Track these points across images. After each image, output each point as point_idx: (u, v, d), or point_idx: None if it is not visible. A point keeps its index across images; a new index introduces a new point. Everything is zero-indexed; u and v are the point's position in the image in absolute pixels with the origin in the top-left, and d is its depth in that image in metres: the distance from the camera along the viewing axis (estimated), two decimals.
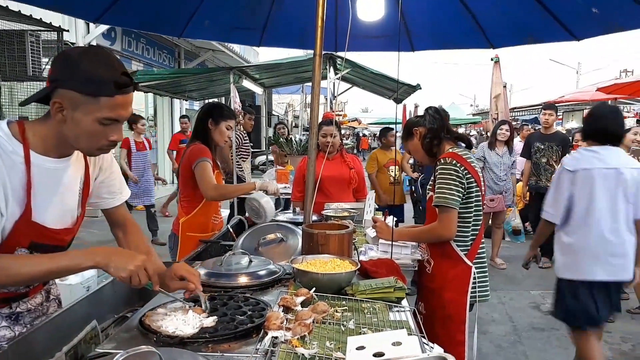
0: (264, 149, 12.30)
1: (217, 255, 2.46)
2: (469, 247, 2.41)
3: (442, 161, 2.37)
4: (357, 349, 1.22)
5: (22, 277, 1.37)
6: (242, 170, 6.59)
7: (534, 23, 3.27)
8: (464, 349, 2.37)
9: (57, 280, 1.83)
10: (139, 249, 1.77)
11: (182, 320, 1.52)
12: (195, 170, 2.93)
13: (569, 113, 17.68)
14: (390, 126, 6.60)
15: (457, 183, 2.32)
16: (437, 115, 2.53)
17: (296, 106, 31.29)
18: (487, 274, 2.53)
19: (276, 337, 1.37)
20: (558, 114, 17.23)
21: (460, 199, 2.34)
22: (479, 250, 2.45)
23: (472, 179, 2.37)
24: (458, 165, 2.34)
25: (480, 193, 2.42)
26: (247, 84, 6.50)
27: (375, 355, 1.18)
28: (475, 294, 2.39)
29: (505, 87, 9.42)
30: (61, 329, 1.59)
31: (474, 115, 29.60)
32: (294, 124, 27.34)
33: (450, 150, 2.44)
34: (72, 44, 8.65)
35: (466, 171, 2.35)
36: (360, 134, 36.89)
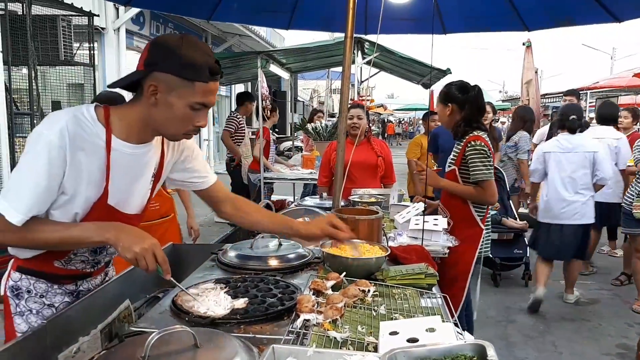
0: (290, 135, 12.30)
1: (245, 238, 2.47)
2: (484, 214, 2.95)
3: (473, 143, 2.81)
4: (390, 334, 1.21)
5: (38, 241, 1.40)
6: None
7: (571, 3, 3.16)
8: (463, 293, 2.95)
9: None
10: (272, 216, 1.91)
11: (213, 302, 1.53)
12: None
13: (603, 100, 17.11)
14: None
15: (489, 159, 2.81)
16: (479, 109, 2.95)
17: (321, 92, 31.14)
18: (490, 234, 3.15)
19: (308, 320, 1.36)
20: (590, 100, 16.67)
21: (492, 172, 2.82)
22: (488, 216, 3.01)
23: (491, 157, 2.85)
24: (484, 146, 2.81)
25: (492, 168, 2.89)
26: (274, 68, 6.46)
27: (408, 340, 1.16)
28: (481, 250, 2.97)
29: (536, 72, 9.19)
30: (96, 308, 1.62)
31: (503, 101, 29.01)
32: (319, 110, 27.24)
33: (475, 133, 2.86)
34: (102, 28, 8.77)
35: (489, 151, 2.82)
36: (386, 120, 36.56)
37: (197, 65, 1.36)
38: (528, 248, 5.17)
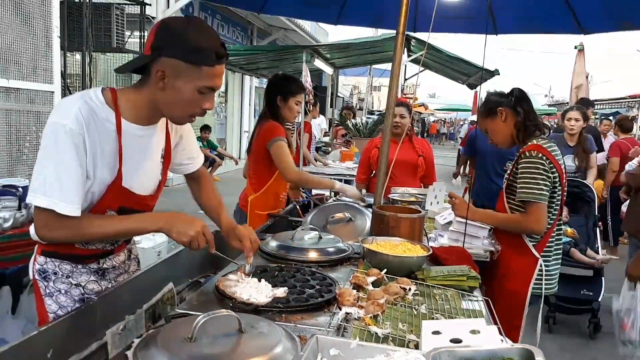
0: (328, 130, 12.32)
1: (284, 230, 2.50)
2: (538, 239, 2.40)
3: (528, 154, 2.30)
4: (432, 333, 1.20)
5: (95, 235, 1.48)
6: None
7: (633, 6, 3.03)
8: (519, 333, 2.40)
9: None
10: (211, 201, 1.88)
11: (255, 289, 1.56)
12: (271, 150, 2.86)
13: None
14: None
15: (545, 177, 2.27)
16: (527, 99, 2.47)
17: (362, 88, 30.96)
18: (558, 266, 2.50)
19: (349, 313, 1.37)
20: None
21: (548, 193, 2.29)
22: (548, 243, 2.42)
23: (557, 173, 2.31)
24: (544, 158, 2.28)
25: (561, 187, 2.37)
26: (318, 63, 6.49)
27: (452, 341, 1.15)
28: (540, 286, 2.39)
29: (587, 77, 8.88)
30: (141, 288, 1.66)
31: (549, 106, 28.21)
32: (358, 107, 27.18)
33: (534, 141, 2.36)
34: (153, 17, 8.98)
35: (552, 165, 2.29)
36: (427, 120, 36.18)
37: (203, 49, 1.36)
38: (603, 291, 4.15)
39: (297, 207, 3.38)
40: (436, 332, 1.21)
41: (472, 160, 4.95)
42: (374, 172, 4.07)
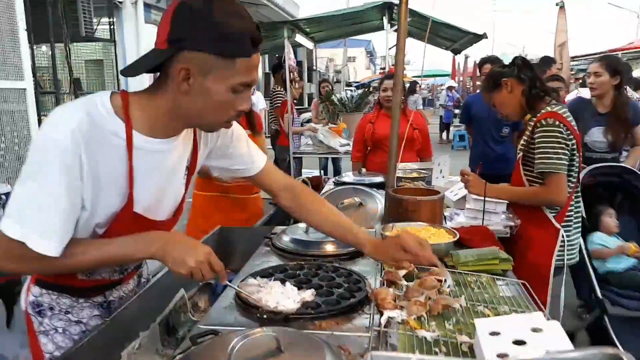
0: (307, 106, 12.13)
1: (284, 219, 2.38)
2: (558, 210, 2.32)
3: (544, 122, 2.21)
4: (490, 334, 1.09)
5: (69, 267, 1.20)
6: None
7: None
8: (544, 309, 2.29)
9: None
10: (336, 217, 1.58)
11: (280, 293, 1.43)
12: None
13: (634, 60, 16.40)
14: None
15: (563, 145, 2.19)
16: (530, 66, 2.38)
17: (337, 60, 30.61)
18: (578, 235, 2.46)
19: (392, 317, 1.25)
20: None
21: (567, 162, 2.21)
22: (568, 212, 2.35)
23: (574, 140, 2.24)
24: (561, 126, 2.19)
25: (578, 152, 2.30)
26: (299, 38, 6.26)
27: (514, 342, 1.05)
28: (562, 257, 2.33)
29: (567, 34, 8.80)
30: (152, 301, 1.54)
31: None
32: (335, 80, 26.90)
33: (548, 108, 2.26)
34: (120, 2, 8.60)
35: (569, 131, 2.21)
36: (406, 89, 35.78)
37: (237, 35, 1.08)
38: None
39: None
40: (494, 333, 1.10)
41: (469, 127, 4.89)
42: (369, 148, 3.97)
